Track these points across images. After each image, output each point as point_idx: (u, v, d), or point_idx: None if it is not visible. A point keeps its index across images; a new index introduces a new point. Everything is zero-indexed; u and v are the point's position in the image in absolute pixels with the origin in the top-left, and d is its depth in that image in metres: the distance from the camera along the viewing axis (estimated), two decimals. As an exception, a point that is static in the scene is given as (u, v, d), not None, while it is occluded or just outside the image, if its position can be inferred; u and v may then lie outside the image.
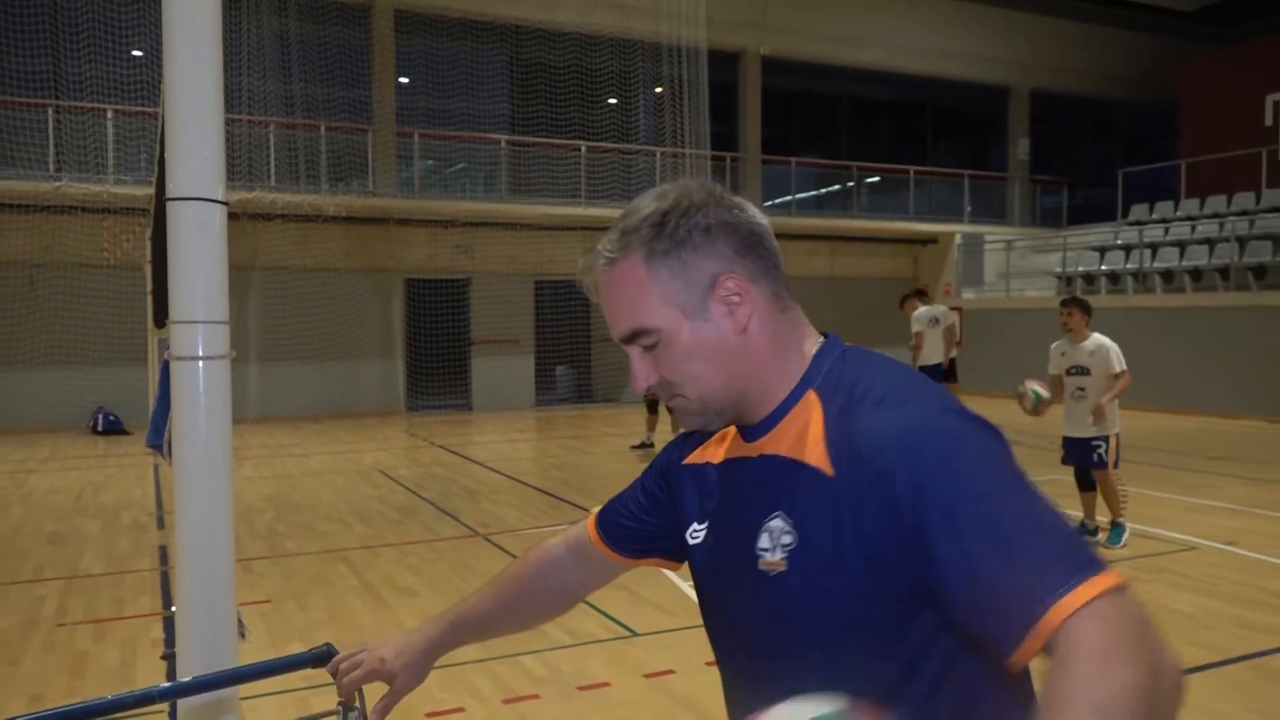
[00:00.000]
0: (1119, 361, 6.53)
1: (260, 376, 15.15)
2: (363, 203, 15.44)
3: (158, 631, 5.03)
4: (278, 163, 15.02)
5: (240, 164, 14.31)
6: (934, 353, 11.99)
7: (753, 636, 1.15)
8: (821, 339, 1.21)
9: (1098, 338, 6.66)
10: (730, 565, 1.17)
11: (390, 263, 16.34)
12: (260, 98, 14.59)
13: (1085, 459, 6.65)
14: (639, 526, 1.39)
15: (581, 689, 4.19)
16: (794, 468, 1.11)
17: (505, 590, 1.49)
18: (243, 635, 1.68)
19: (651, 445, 11.38)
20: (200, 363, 1.56)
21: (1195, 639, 4.75)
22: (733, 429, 1.23)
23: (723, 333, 1.13)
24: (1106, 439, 6.54)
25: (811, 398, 1.13)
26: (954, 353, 12.57)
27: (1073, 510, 6.74)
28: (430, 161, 17.56)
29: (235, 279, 13.65)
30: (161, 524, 7.78)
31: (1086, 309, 6.73)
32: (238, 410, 1.86)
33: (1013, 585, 0.91)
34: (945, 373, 12.05)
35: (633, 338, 1.16)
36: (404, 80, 16.82)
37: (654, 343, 1.14)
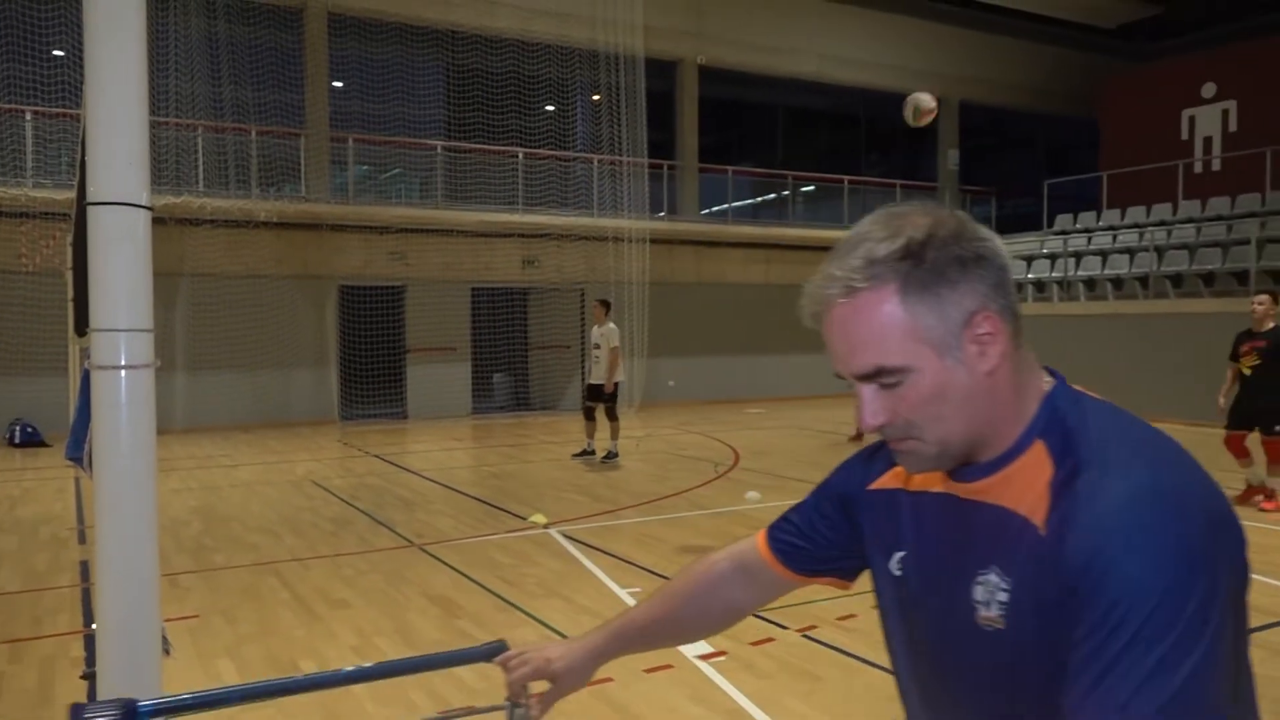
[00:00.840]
0: None
1: (188, 386, 14.79)
2: (295, 208, 15.18)
3: (78, 650, 4.87)
4: (207, 167, 14.70)
5: (167, 168, 13.96)
6: None
7: (960, 683, 1.14)
8: (1049, 379, 1.14)
9: None
10: (941, 610, 1.14)
11: (323, 269, 16.08)
12: (188, 100, 14.26)
13: None
14: (814, 547, 1.37)
15: (519, 699, 4.15)
16: (1013, 522, 1.06)
17: (670, 604, 1.49)
18: (167, 652, 1.64)
19: (593, 452, 11.33)
20: (123, 372, 1.51)
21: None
22: None
23: (973, 374, 1.06)
24: None
25: (1040, 449, 1.07)
26: None
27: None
28: (365, 167, 17.34)
29: (161, 286, 13.27)
30: (83, 539, 7.54)
31: None
32: (164, 421, 1.81)
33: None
34: None
35: (874, 375, 1.07)
36: (338, 84, 16.59)
37: (897, 381, 1.06)
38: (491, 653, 1.52)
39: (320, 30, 16.06)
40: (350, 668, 1.46)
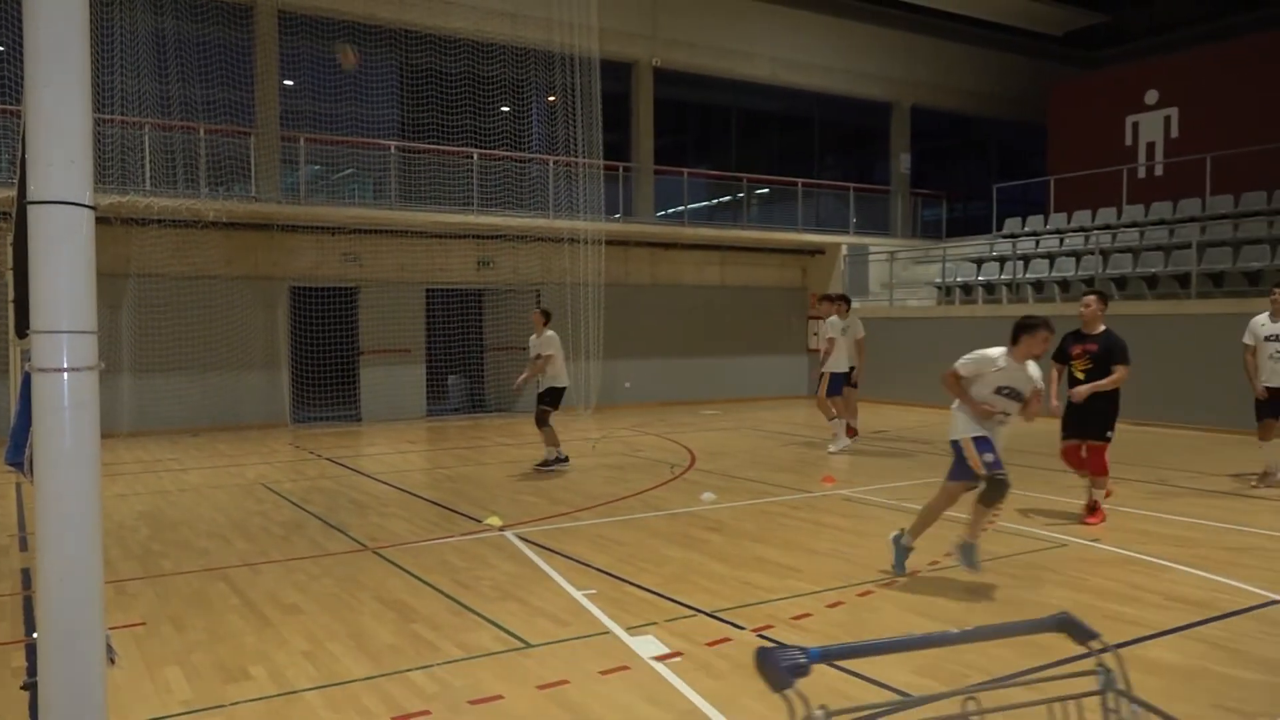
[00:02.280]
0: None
1: (134, 388, 14.50)
2: (245, 208, 14.93)
3: (19, 660, 4.74)
4: (153, 166, 14.40)
5: (112, 167, 13.67)
6: (842, 360, 12.54)
7: None
8: None
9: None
10: None
11: (274, 270, 15.85)
12: (134, 97, 13.98)
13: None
14: None
15: (473, 703, 4.13)
16: None
17: None
18: (112, 661, 1.60)
19: (566, 459, 10.96)
20: (65, 374, 1.48)
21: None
22: None
23: None
24: (957, 443, 6.04)
25: None
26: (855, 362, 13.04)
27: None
28: (317, 167, 17.11)
29: (107, 287, 13.02)
30: (24, 545, 7.35)
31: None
32: (109, 424, 1.77)
33: None
34: (847, 379, 12.60)
35: None
36: (289, 83, 16.35)
37: None
38: (1059, 625, 1.72)
39: (271, 28, 15.83)
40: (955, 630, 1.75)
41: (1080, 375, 7.87)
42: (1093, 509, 7.91)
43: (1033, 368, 6.05)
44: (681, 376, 19.78)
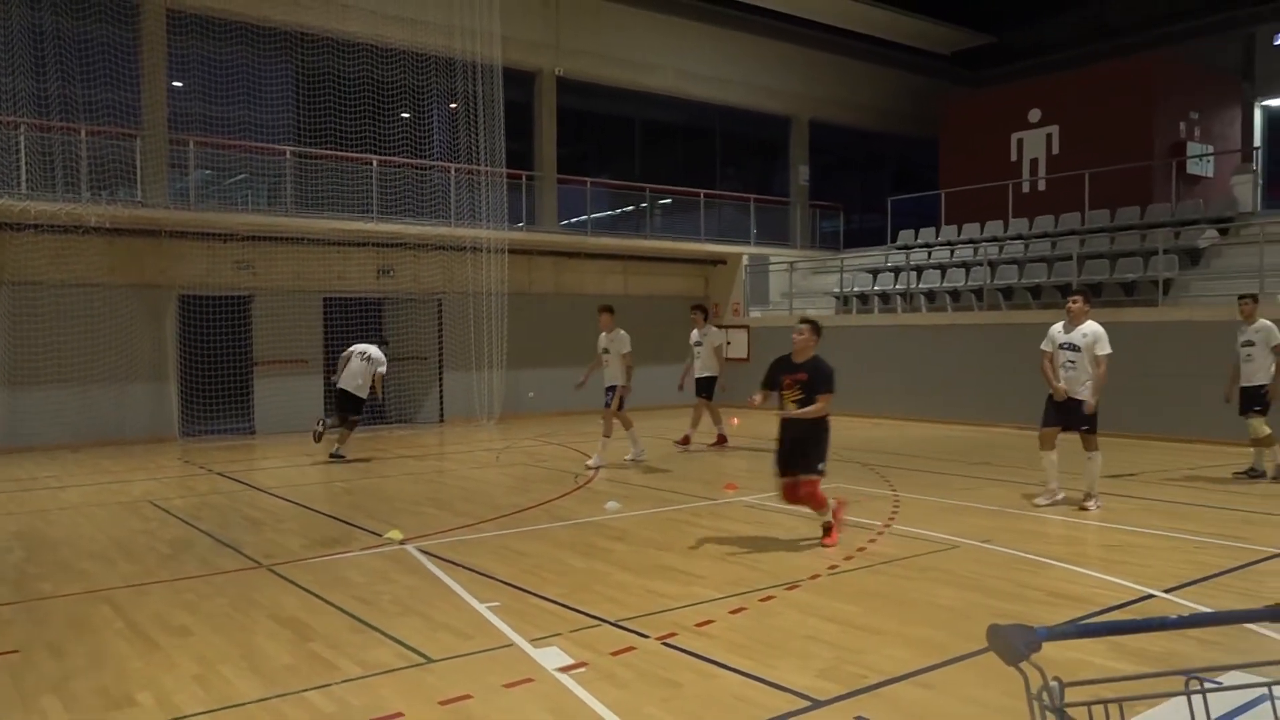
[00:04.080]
0: None
1: (8, 402, 13.76)
2: (130, 213, 14.32)
3: None
4: (30, 168, 13.70)
5: (-16, 168, 12.97)
6: (706, 367, 13.45)
7: None
8: None
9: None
10: None
11: (162, 278, 15.25)
12: (8, 96, 13.30)
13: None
14: None
15: (374, 722, 4.04)
16: None
17: None
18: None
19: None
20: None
21: (958, 630, 5.15)
22: None
23: None
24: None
25: None
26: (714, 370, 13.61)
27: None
28: (208, 171, 16.54)
29: (-23, 295, 12.12)
30: (-115, 571, 6.88)
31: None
32: (-23, 441, 1.67)
33: None
34: (708, 385, 13.46)
35: None
36: (178, 84, 15.78)
37: None
38: (1274, 615, 1.71)
39: (158, 27, 15.25)
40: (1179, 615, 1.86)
41: (791, 405, 7.31)
42: (828, 530, 7.37)
43: None
44: (586, 386, 19.72)
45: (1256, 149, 21.14)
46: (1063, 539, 7.58)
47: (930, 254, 19.98)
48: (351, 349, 12.81)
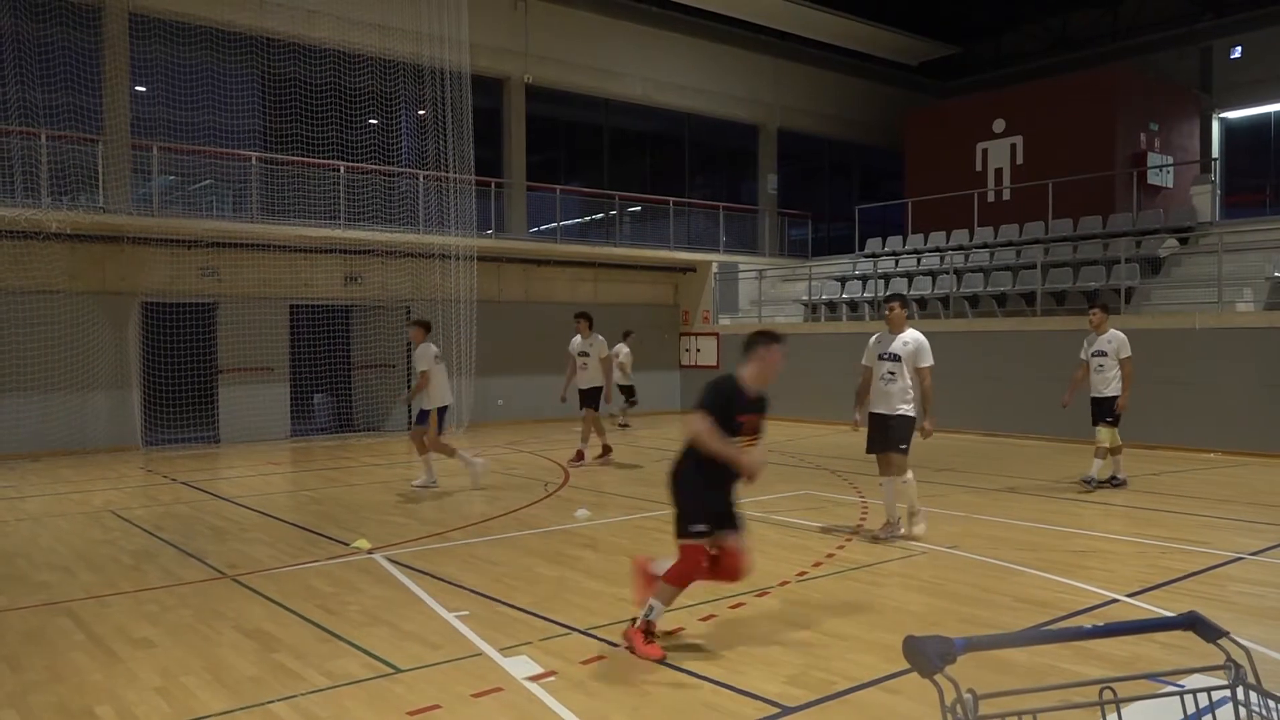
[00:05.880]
0: None
1: (-35, 411, 13.48)
2: (92, 219, 14.09)
3: None
4: (-12, 173, 13.47)
5: (-59, 172, 12.73)
6: (591, 378, 12.72)
7: None
8: None
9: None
10: None
11: (124, 285, 15.03)
12: (-34, 99, 13.06)
13: None
14: None
15: (341, 733, 3.99)
16: None
17: None
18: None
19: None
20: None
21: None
22: None
23: None
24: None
25: None
26: (609, 380, 13.06)
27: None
28: (171, 177, 16.33)
29: (-67, 301, 11.88)
30: None
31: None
32: (-67, 450, 1.64)
33: None
34: (594, 397, 12.77)
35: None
36: (141, 89, 15.57)
37: None
38: (1186, 623, 1.71)
39: (121, 31, 15.05)
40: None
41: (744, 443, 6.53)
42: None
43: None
44: (554, 393, 19.67)
45: (1215, 160, 21.56)
46: (1029, 545, 7.66)
47: (897, 262, 20.15)
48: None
